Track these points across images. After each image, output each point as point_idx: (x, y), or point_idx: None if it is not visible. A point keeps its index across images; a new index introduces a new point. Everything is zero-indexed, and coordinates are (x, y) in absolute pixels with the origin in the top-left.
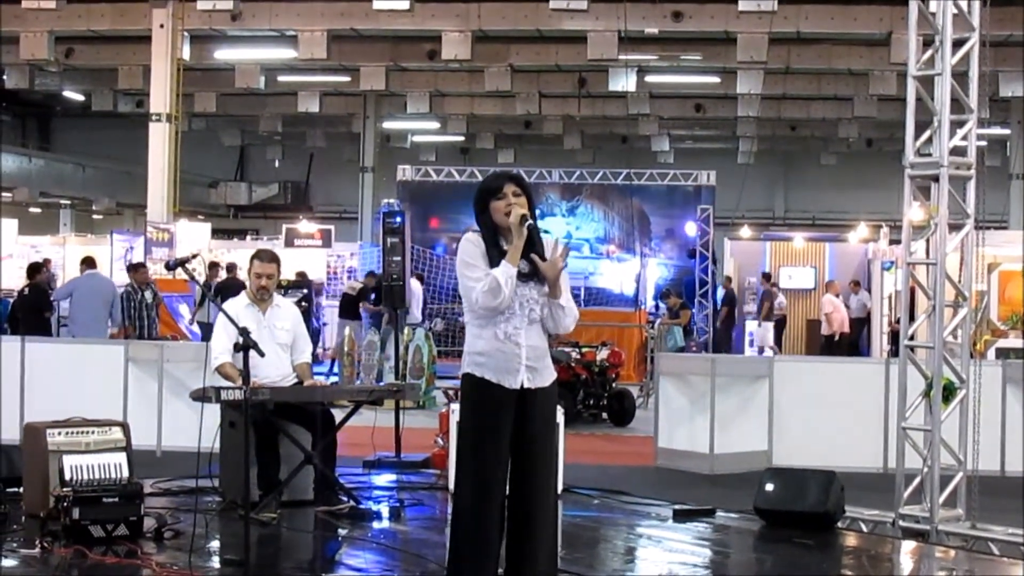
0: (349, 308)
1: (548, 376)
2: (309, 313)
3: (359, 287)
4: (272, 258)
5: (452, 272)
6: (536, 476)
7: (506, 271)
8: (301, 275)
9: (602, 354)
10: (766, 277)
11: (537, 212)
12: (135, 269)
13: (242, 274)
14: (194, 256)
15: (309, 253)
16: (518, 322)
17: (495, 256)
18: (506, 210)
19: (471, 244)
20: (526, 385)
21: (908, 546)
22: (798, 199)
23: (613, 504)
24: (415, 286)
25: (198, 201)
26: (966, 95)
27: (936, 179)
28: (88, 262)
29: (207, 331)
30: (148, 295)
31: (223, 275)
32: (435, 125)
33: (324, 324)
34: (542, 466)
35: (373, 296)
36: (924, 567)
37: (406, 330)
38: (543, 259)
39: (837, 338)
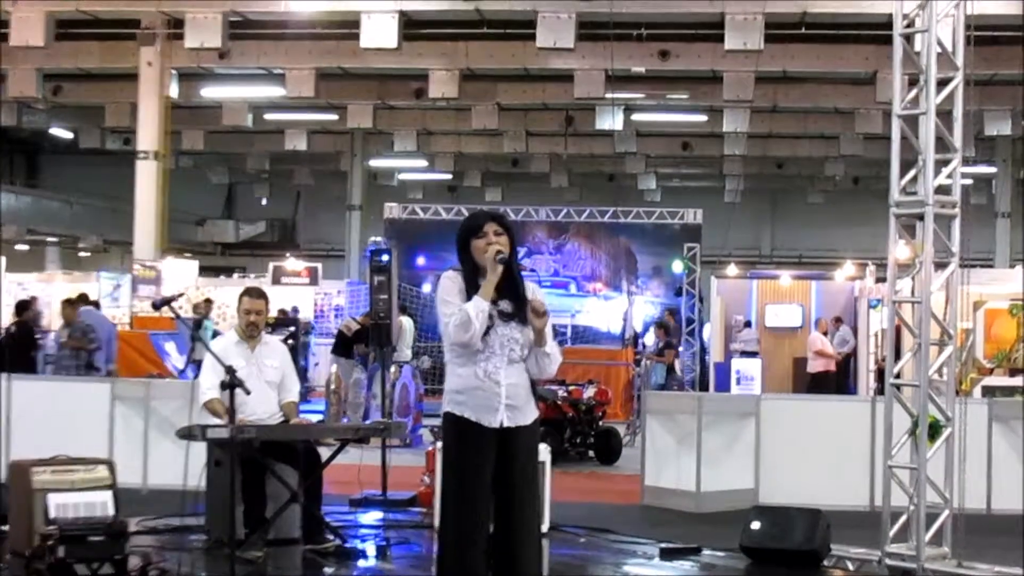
0: (343, 346)
1: (529, 415)
2: (296, 351)
3: (356, 328)
4: (261, 295)
5: None
6: (520, 515)
7: (477, 305)
8: (283, 313)
9: (589, 392)
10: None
11: (523, 250)
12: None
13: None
14: (180, 295)
15: (296, 291)
16: (498, 361)
17: (473, 294)
18: (486, 249)
19: (449, 281)
20: (506, 424)
21: None
22: (785, 237)
23: (600, 543)
24: (405, 323)
25: (185, 238)
26: (951, 134)
27: (921, 218)
28: (83, 299)
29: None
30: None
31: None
32: (422, 163)
33: (316, 364)
34: (525, 505)
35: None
36: None
37: (393, 368)
38: (524, 299)
39: (823, 376)
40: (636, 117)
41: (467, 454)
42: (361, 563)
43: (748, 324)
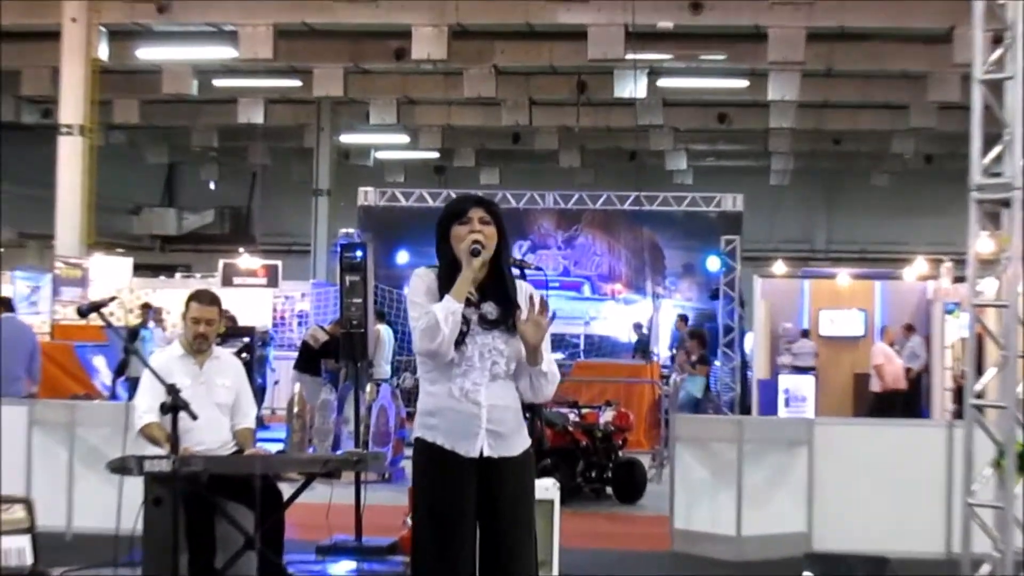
0: (309, 361)
1: (518, 444)
2: (252, 367)
3: (323, 339)
4: (212, 300)
5: None
6: (509, 563)
7: (446, 307)
8: (231, 320)
9: (606, 416)
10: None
11: (525, 244)
12: None
13: None
14: (111, 299)
15: (251, 294)
16: (478, 376)
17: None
18: (467, 238)
19: (419, 279)
20: (487, 453)
21: None
22: (843, 228)
23: None
24: (382, 333)
25: (117, 231)
26: None
27: (1007, 204)
28: (4, 303)
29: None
30: None
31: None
32: (404, 139)
33: (276, 383)
34: (516, 552)
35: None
36: None
37: (368, 387)
38: (512, 302)
39: (890, 396)
40: (663, 83)
41: (441, 490)
42: None
43: (805, 334)
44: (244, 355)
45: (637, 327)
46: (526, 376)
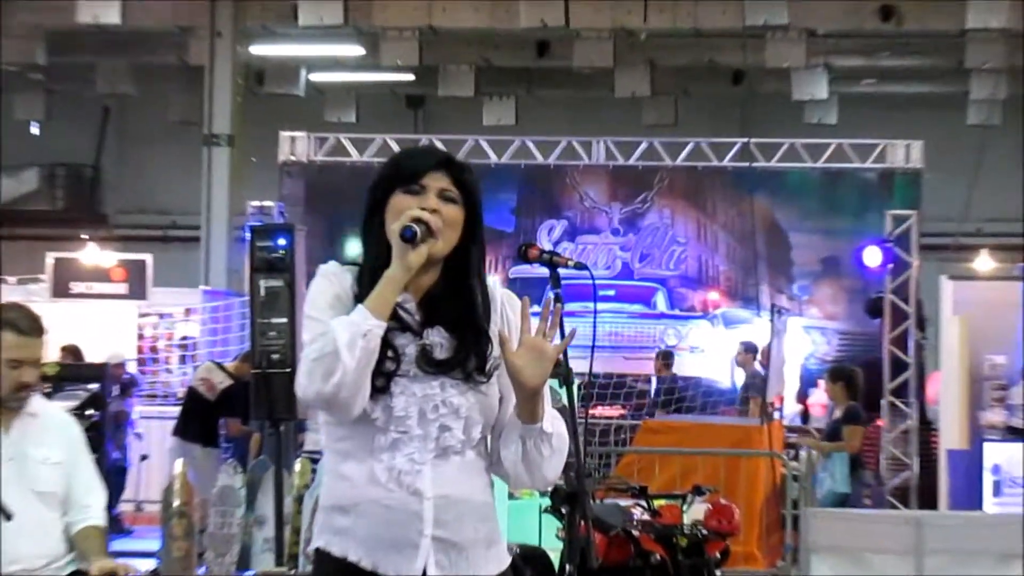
0: (198, 422)
1: (486, 564)
2: (102, 431)
3: (224, 385)
4: (35, 328)
5: None
6: None
7: (356, 323)
8: (71, 352)
9: (694, 512)
10: None
11: (560, 226)
12: None
13: None
14: None
15: (102, 310)
16: (417, 449)
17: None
18: (405, 215)
19: (325, 282)
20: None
21: None
22: None
23: None
24: None
25: None
26: None
27: None
28: None
29: None
30: None
31: None
32: (356, 51)
33: (144, 458)
34: None
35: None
36: None
37: (299, 464)
38: (480, 331)
39: None
40: None
41: None
42: None
43: None
44: (90, 412)
45: (748, 351)
46: (515, 443)
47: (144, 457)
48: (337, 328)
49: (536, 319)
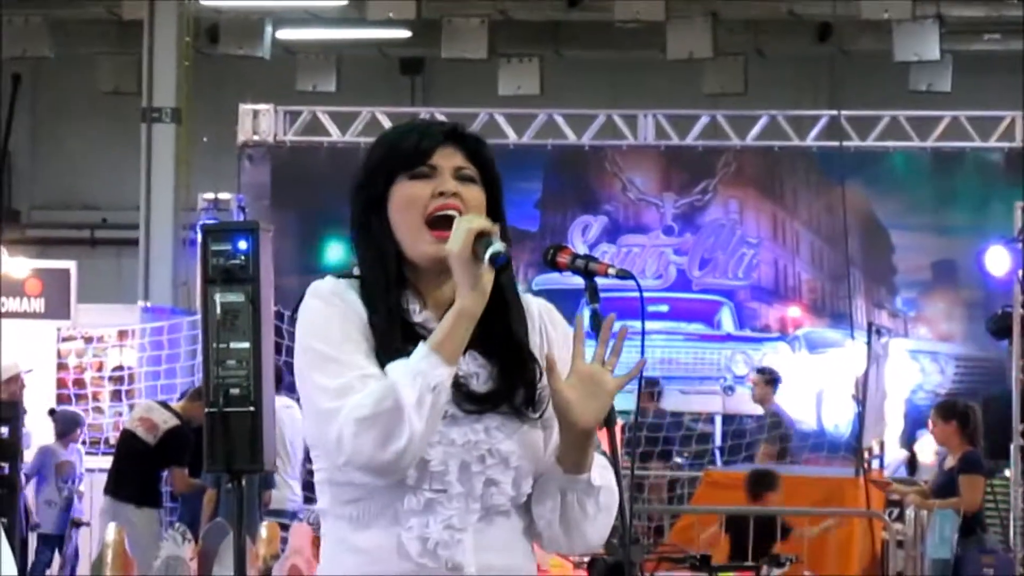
0: (136, 473)
1: None
2: (13, 488)
3: (168, 427)
4: None
5: None
6: None
7: (425, 374)
8: None
9: None
10: None
11: (598, 223)
12: None
13: None
14: None
15: (12, 332)
16: (457, 512)
17: (393, 332)
18: (434, 210)
19: (328, 307)
20: None
21: None
22: None
23: None
24: (291, 414)
25: None
26: None
27: None
28: None
29: None
30: None
31: None
32: (338, 2)
33: (82, 525)
34: None
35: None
36: None
37: (264, 528)
38: (526, 353)
39: None
40: None
41: None
42: None
43: None
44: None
45: (768, 383)
46: (553, 496)
47: (78, 524)
48: (399, 379)
49: (591, 341)
